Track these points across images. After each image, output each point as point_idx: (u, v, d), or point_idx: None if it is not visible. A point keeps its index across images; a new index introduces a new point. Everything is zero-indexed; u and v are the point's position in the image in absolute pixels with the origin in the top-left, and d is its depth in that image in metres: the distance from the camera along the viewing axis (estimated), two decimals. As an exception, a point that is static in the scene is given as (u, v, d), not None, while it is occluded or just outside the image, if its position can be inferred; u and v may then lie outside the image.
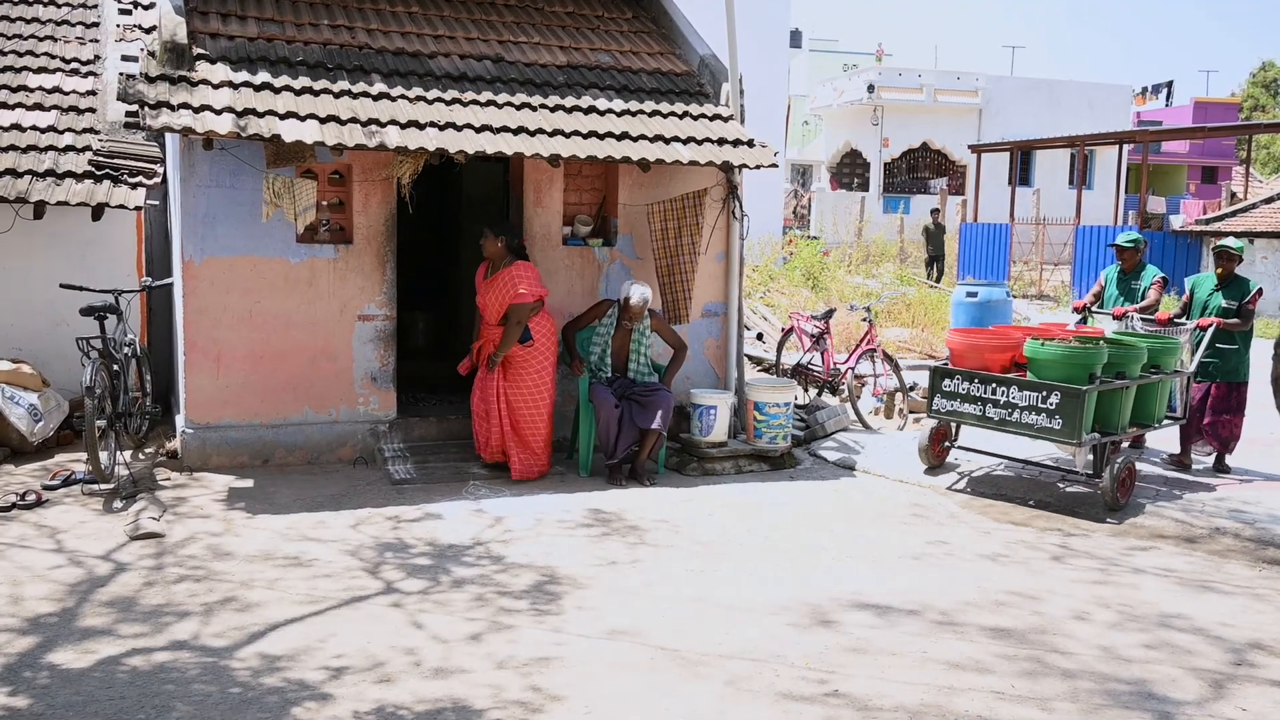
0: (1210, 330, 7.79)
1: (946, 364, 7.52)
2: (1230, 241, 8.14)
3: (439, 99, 7.50)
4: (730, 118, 8.40)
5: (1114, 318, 8.28)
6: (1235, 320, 7.86)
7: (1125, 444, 7.79)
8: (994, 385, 7.07)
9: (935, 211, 23.40)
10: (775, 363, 11.24)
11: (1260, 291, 8.03)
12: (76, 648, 4.46)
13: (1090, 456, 7.14)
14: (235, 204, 7.28)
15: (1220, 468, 8.00)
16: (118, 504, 6.50)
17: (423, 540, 6.02)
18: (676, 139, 7.84)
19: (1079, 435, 6.71)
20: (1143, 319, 8.14)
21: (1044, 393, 6.83)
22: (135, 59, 9.14)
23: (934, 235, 22.63)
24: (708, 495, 7.23)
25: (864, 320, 11.26)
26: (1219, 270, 8.05)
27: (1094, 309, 8.54)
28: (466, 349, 9.58)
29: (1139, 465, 7.75)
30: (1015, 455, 7.88)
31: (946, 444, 7.87)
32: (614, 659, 4.52)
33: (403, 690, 4.16)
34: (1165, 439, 8.43)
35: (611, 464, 7.42)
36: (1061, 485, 7.49)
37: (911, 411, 9.89)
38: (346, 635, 4.67)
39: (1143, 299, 8.40)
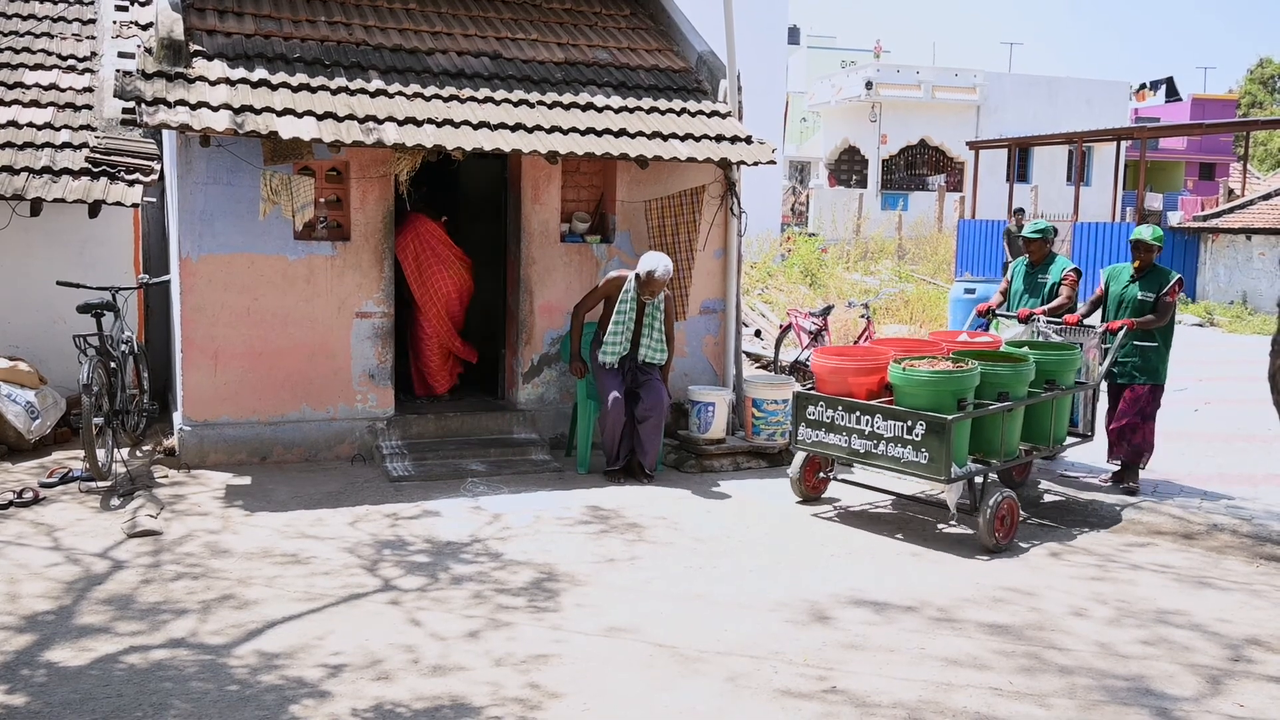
0: (1120, 334, 7.06)
1: (813, 388, 6.74)
2: (1145, 232, 7.22)
3: (437, 96, 7.49)
4: (728, 114, 8.40)
5: (1019, 320, 7.51)
6: (1150, 317, 7.08)
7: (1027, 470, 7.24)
8: (859, 413, 6.27)
9: (1019, 212, 19.50)
10: (773, 360, 11.24)
11: (1181, 282, 7.21)
12: (74, 645, 4.46)
13: (964, 493, 6.35)
14: (233, 201, 7.27)
15: (1126, 481, 7.23)
16: (115, 502, 6.50)
17: (421, 537, 6.02)
18: (674, 136, 7.83)
19: (946, 471, 5.92)
20: (1049, 321, 7.36)
21: (909, 422, 6.03)
22: (132, 56, 9.12)
23: (1017, 241, 18.69)
24: (706, 492, 7.23)
25: (862, 317, 11.28)
26: (1136, 263, 7.25)
27: (999, 311, 7.75)
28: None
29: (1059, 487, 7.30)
30: (896, 490, 7.05)
31: (823, 475, 7.02)
32: (612, 656, 4.52)
33: (401, 688, 4.16)
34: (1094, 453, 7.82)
35: (611, 468, 7.42)
36: (939, 527, 6.59)
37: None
38: (344, 633, 4.66)
39: (1051, 296, 7.60)
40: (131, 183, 8.23)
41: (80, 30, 9.97)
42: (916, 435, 6.00)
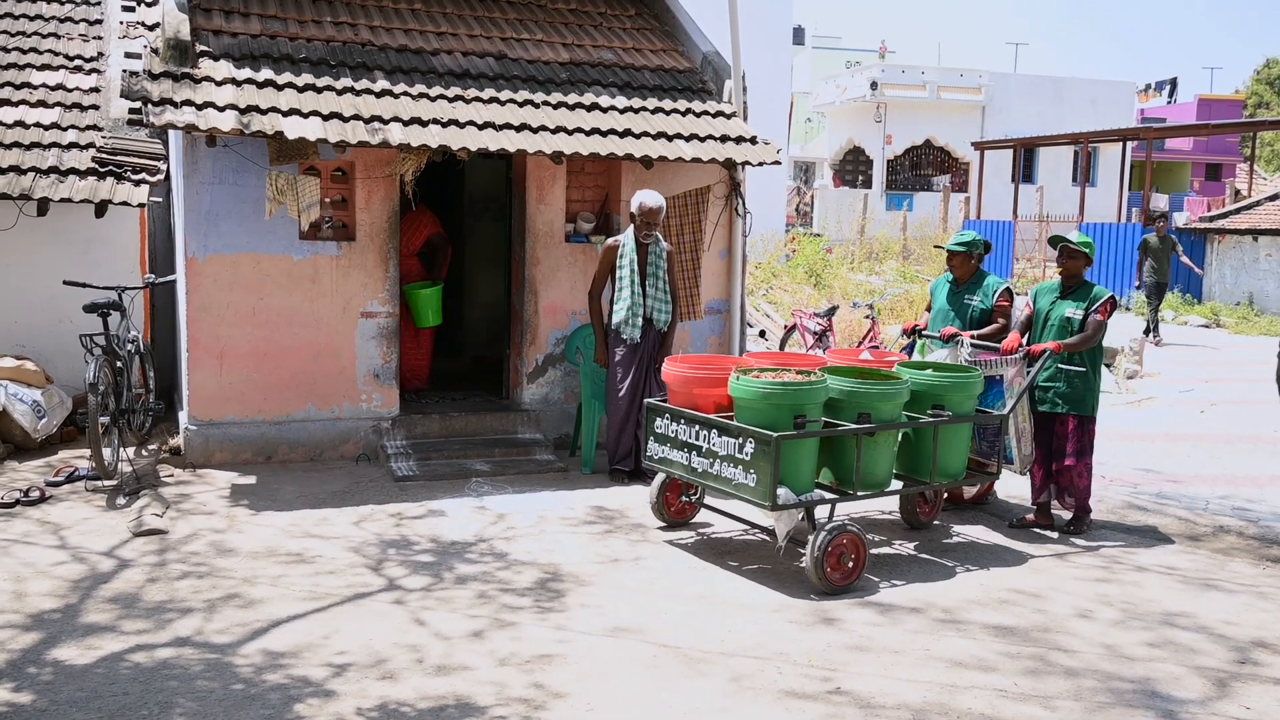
0: (1042, 360, 6.25)
1: (665, 399, 6.14)
2: (1072, 235, 6.50)
3: (441, 96, 7.50)
4: (733, 115, 8.39)
5: (942, 339, 6.73)
6: (1075, 339, 6.28)
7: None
8: (698, 428, 5.69)
9: (1160, 218, 15.84)
10: (778, 360, 11.21)
11: (1113, 300, 6.37)
12: (80, 644, 4.47)
13: (800, 523, 5.63)
14: (238, 201, 7.28)
15: (1075, 527, 6.43)
16: (121, 500, 6.51)
17: (425, 537, 6.02)
18: (679, 136, 7.83)
19: (770, 496, 5.25)
20: (973, 344, 6.55)
21: (740, 440, 5.40)
22: (139, 56, 9.13)
23: (1159, 253, 15.31)
24: (710, 492, 7.21)
25: (867, 318, 11.28)
26: (1060, 271, 6.48)
27: (925, 331, 6.98)
28: (468, 345, 9.57)
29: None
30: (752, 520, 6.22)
31: (686, 499, 6.35)
32: (617, 656, 4.52)
33: (406, 687, 4.17)
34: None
35: (615, 468, 7.41)
36: (800, 554, 5.76)
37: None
38: (349, 632, 4.67)
39: (979, 322, 6.75)
40: (138, 183, 8.24)
41: (87, 30, 9.99)
42: (746, 454, 5.36)
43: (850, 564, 5.41)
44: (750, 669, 4.43)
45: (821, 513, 5.70)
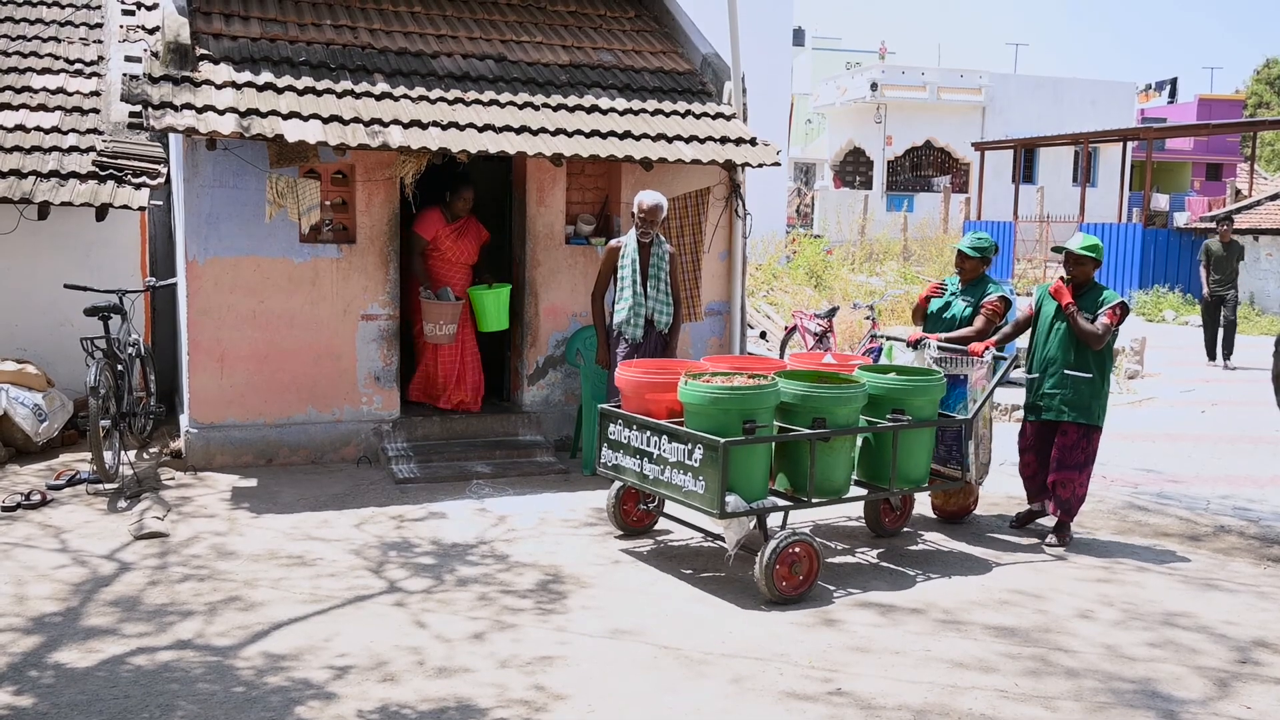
0: (1010, 362, 6.10)
1: (618, 405, 6.03)
2: (1074, 241, 6.24)
3: (441, 99, 7.51)
4: (733, 116, 8.40)
5: (909, 345, 6.54)
6: (1087, 324, 6.03)
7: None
8: (649, 434, 5.56)
9: (1224, 221, 13.83)
10: (778, 361, 11.21)
11: (1123, 306, 6.09)
12: (81, 647, 4.47)
13: (752, 530, 5.50)
14: (239, 204, 7.29)
15: (1059, 538, 6.21)
16: (122, 504, 6.52)
17: (426, 539, 6.03)
18: (679, 138, 7.84)
19: (718, 503, 5.16)
20: (940, 346, 6.37)
21: (689, 446, 5.29)
22: (139, 60, 9.14)
23: (1223, 261, 13.40)
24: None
25: (867, 319, 11.28)
26: (1070, 277, 6.24)
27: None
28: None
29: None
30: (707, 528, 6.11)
31: (644, 507, 6.22)
32: (618, 658, 4.52)
33: (407, 689, 4.17)
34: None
35: None
36: (751, 559, 5.59)
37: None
38: (350, 634, 4.67)
39: (965, 324, 6.54)
40: (138, 186, 8.25)
41: (87, 34, 10.00)
42: (695, 460, 5.24)
43: (802, 573, 5.29)
44: (751, 670, 4.43)
45: (777, 520, 5.63)
